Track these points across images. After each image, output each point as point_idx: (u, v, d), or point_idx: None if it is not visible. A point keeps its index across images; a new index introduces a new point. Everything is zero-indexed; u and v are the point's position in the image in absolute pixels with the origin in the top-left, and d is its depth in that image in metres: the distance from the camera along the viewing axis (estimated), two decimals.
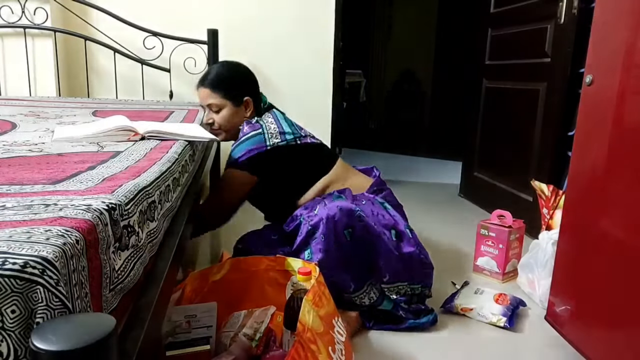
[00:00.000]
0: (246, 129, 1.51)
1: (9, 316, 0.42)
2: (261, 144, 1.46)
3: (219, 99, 1.55)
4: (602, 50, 1.11)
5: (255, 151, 1.46)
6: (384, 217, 1.36)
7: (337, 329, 1.03)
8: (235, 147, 1.49)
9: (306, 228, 1.31)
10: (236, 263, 1.29)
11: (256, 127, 1.50)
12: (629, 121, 1.01)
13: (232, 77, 1.61)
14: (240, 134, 1.52)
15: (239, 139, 1.51)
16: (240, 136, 1.51)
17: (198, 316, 1.08)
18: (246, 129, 1.51)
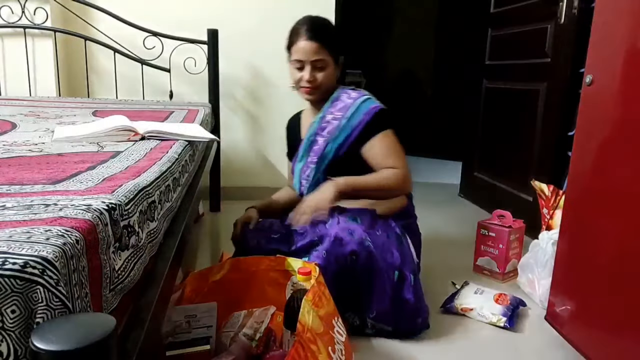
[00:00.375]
0: (354, 94, 1.47)
1: (9, 316, 0.42)
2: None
3: (327, 55, 1.43)
4: (602, 50, 1.11)
5: (387, 112, 1.45)
6: (393, 256, 1.29)
7: (337, 329, 1.03)
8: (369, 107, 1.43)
9: (310, 237, 1.30)
10: (236, 263, 1.29)
11: (363, 92, 1.48)
12: (629, 121, 1.01)
13: (335, 33, 1.51)
14: (348, 98, 1.46)
15: (353, 103, 1.45)
16: (352, 99, 1.45)
17: (198, 316, 1.08)
18: (354, 94, 1.48)
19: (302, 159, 1.53)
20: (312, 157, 1.50)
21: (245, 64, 2.60)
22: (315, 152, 1.50)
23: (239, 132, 2.67)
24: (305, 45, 1.41)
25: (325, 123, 1.49)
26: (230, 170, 2.62)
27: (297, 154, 1.57)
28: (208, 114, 2.05)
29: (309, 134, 1.51)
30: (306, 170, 1.52)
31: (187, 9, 2.51)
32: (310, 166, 1.51)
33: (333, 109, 1.49)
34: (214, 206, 2.53)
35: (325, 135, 1.48)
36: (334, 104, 1.49)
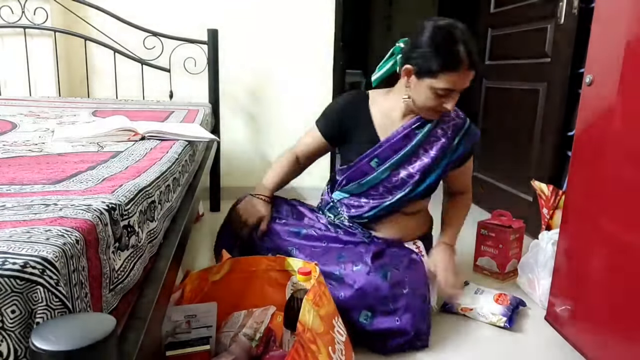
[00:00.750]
0: (460, 112, 1.45)
1: (9, 316, 0.42)
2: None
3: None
4: (602, 50, 1.11)
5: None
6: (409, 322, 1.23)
7: (337, 329, 1.03)
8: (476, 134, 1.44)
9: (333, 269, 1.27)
10: (236, 263, 1.28)
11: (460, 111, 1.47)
12: (629, 121, 1.01)
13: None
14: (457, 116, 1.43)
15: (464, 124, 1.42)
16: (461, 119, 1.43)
17: (198, 316, 1.08)
18: (460, 112, 1.45)
19: (392, 166, 1.38)
20: (411, 170, 1.38)
21: (245, 64, 2.60)
22: (416, 164, 1.38)
23: (239, 132, 2.67)
24: (465, 77, 1.24)
25: (433, 137, 1.38)
26: (230, 170, 2.62)
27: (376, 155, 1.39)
28: (208, 114, 2.05)
29: (414, 144, 1.37)
30: (396, 181, 1.38)
31: (187, 9, 2.51)
32: (404, 178, 1.38)
33: (443, 124, 1.39)
34: (214, 206, 2.53)
35: (432, 151, 1.38)
36: (444, 119, 1.40)
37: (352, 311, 1.22)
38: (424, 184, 1.39)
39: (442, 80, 1.23)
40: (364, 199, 1.42)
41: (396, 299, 1.23)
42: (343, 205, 1.46)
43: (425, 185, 1.39)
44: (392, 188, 1.39)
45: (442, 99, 1.27)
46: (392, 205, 1.40)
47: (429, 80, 1.25)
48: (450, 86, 1.24)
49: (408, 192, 1.38)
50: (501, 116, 2.57)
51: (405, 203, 1.41)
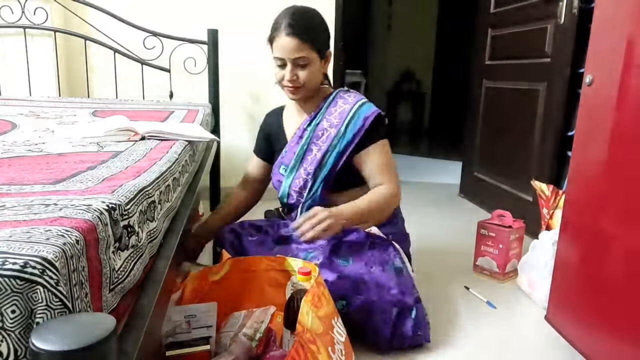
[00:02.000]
0: (351, 98, 1.42)
1: (9, 316, 0.42)
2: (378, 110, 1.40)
3: (309, 51, 1.33)
4: (602, 50, 1.11)
5: (383, 118, 1.40)
6: (389, 292, 1.21)
7: (336, 330, 1.03)
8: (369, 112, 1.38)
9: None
10: (236, 263, 1.28)
11: (360, 95, 1.43)
12: (629, 121, 1.01)
13: (320, 25, 1.39)
14: (345, 102, 1.41)
15: (351, 108, 1.39)
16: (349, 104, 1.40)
17: (198, 316, 1.08)
18: (350, 98, 1.42)
19: (292, 170, 1.44)
20: (307, 168, 1.41)
21: (245, 64, 2.60)
22: (311, 162, 1.41)
23: (239, 132, 2.67)
24: (285, 42, 1.31)
25: (320, 130, 1.41)
26: (230, 170, 2.62)
27: (282, 162, 1.47)
28: (208, 114, 2.05)
29: (304, 142, 1.42)
30: (299, 183, 1.43)
31: (187, 9, 2.51)
32: (304, 177, 1.42)
33: (329, 115, 1.41)
34: (214, 206, 2.53)
35: (322, 144, 1.40)
36: (329, 110, 1.42)
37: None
38: (319, 177, 1.40)
39: (274, 49, 1.36)
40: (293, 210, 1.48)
41: (365, 280, 1.21)
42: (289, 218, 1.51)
43: (321, 178, 1.40)
44: (299, 191, 1.44)
45: (282, 70, 1.36)
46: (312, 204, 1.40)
47: (272, 54, 1.37)
48: (278, 54, 1.34)
49: (310, 188, 1.41)
50: (501, 116, 2.57)
51: (322, 200, 1.41)
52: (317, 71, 1.38)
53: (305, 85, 1.37)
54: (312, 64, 1.35)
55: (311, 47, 1.33)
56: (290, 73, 1.34)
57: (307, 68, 1.34)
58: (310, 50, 1.33)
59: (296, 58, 1.32)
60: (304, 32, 1.32)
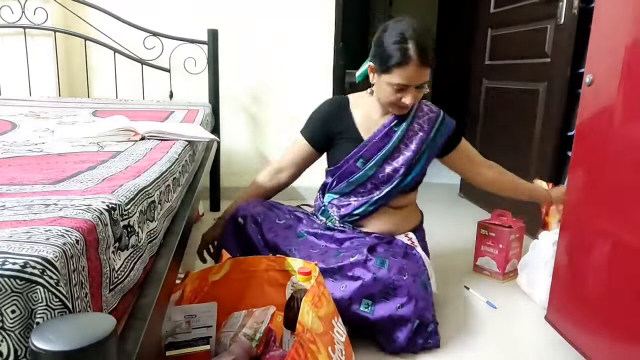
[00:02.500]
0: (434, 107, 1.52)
1: (9, 316, 0.42)
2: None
3: (429, 74, 1.35)
4: (602, 50, 1.11)
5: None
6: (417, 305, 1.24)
7: (336, 330, 1.03)
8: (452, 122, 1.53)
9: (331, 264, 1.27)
10: (236, 263, 1.28)
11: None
12: (629, 121, 1.01)
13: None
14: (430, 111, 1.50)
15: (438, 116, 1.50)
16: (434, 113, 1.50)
17: (198, 316, 1.08)
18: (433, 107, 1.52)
19: (378, 163, 1.43)
20: (393, 164, 1.43)
21: (245, 64, 2.60)
22: (399, 159, 1.43)
23: (239, 132, 2.67)
24: (417, 73, 1.29)
25: (412, 131, 1.45)
26: (230, 170, 2.62)
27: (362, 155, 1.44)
28: (208, 114, 2.05)
29: (395, 140, 1.43)
30: (382, 177, 1.44)
31: (187, 9, 2.51)
32: (389, 172, 1.43)
33: (419, 118, 1.47)
34: (214, 206, 2.53)
35: (412, 144, 1.44)
36: (418, 114, 1.47)
37: (354, 303, 1.23)
38: (410, 175, 1.46)
39: (395, 76, 1.31)
40: (353, 197, 1.48)
41: (396, 286, 1.24)
42: (333, 207, 1.51)
43: (412, 177, 1.46)
44: (379, 184, 1.45)
45: (400, 93, 1.34)
46: (381, 199, 1.45)
47: (385, 76, 1.33)
48: (404, 82, 1.30)
49: (396, 184, 1.44)
50: (501, 116, 2.57)
51: (393, 197, 1.46)
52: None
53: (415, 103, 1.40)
54: (425, 85, 1.36)
55: (431, 70, 1.35)
56: (412, 98, 1.34)
57: (423, 88, 1.36)
58: (429, 74, 1.35)
59: (422, 83, 1.34)
60: (432, 59, 1.31)
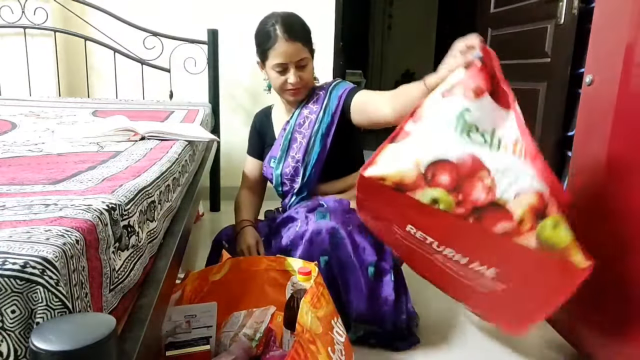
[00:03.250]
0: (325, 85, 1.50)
1: (9, 316, 0.42)
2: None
3: (307, 53, 1.40)
4: (602, 50, 1.11)
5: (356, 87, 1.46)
6: (365, 251, 1.25)
7: (336, 330, 1.03)
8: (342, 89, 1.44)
9: (285, 242, 1.28)
10: (236, 263, 1.28)
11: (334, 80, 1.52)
12: (629, 121, 1.01)
13: (306, 25, 1.44)
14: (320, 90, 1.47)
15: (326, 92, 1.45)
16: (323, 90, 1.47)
17: (198, 316, 1.08)
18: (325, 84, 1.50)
19: (280, 160, 1.46)
20: (294, 156, 1.44)
21: (245, 64, 2.59)
22: (297, 149, 1.44)
23: (239, 132, 2.67)
24: (287, 48, 1.34)
25: (301, 119, 1.46)
26: (230, 170, 2.62)
27: (271, 156, 1.49)
28: (208, 114, 2.05)
29: (287, 132, 1.46)
30: (289, 171, 1.45)
31: (187, 9, 2.51)
32: (293, 165, 1.43)
33: (309, 103, 1.47)
34: (213, 206, 2.53)
35: (305, 131, 1.44)
36: (310, 100, 1.48)
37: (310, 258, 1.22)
38: (312, 163, 1.42)
39: (271, 58, 1.37)
40: (287, 198, 1.51)
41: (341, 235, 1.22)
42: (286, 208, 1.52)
43: (314, 160, 1.41)
44: (291, 178, 1.46)
45: (283, 75, 1.38)
46: (303, 188, 1.45)
47: (267, 63, 1.40)
48: (280, 60, 1.36)
49: (302, 174, 1.43)
50: None
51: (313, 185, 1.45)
52: (312, 69, 1.45)
53: (307, 85, 1.43)
54: (310, 63, 1.42)
55: (307, 47, 1.40)
56: (294, 76, 1.37)
57: (306, 68, 1.41)
58: (307, 52, 1.40)
59: (299, 60, 1.37)
60: (301, 34, 1.38)
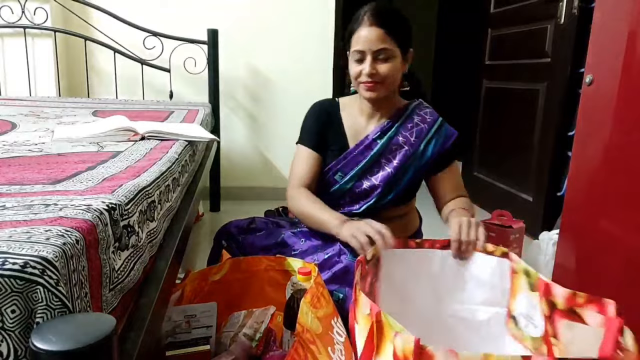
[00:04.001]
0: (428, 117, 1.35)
1: (9, 316, 0.42)
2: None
3: (392, 43, 1.22)
4: (602, 50, 1.11)
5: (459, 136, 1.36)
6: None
7: (336, 330, 1.02)
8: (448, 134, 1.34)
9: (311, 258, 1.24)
10: (236, 263, 1.28)
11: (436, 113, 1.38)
12: (629, 121, 1.01)
13: (404, 19, 1.28)
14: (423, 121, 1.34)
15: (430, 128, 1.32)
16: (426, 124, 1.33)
17: (198, 316, 1.08)
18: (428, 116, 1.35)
19: (353, 179, 1.32)
20: (372, 180, 1.31)
21: (245, 64, 2.60)
22: (378, 175, 1.31)
23: (239, 132, 2.67)
24: (369, 33, 1.20)
25: (394, 145, 1.31)
26: (230, 170, 2.62)
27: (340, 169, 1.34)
28: (208, 114, 2.05)
29: (373, 154, 1.31)
30: (359, 193, 1.33)
31: (187, 9, 2.51)
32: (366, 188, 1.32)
33: (404, 130, 1.32)
34: (214, 206, 2.53)
35: (394, 160, 1.31)
36: (405, 125, 1.33)
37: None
38: (391, 194, 1.32)
39: (353, 43, 1.24)
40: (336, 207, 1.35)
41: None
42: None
43: (393, 194, 1.32)
44: (356, 198, 1.34)
45: (360, 66, 1.24)
46: (362, 214, 1.31)
47: (349, 51, 1.26)
48: (359, 47, 1.22)
49: (374, 202, 1.32)
50: (501, 116, 2.57)
51: (375, 211, 1.32)
52: (398, 69, 1.26)
53: (385, 82, 1.24)
54: (394, 59, 1.23)
55: (394, 40, 1.22)
56: (370, 66, 1.21)
57: (388, 62, 1.23)
58: (393, 43, 1.22)
59: (378, 50, 1.21)
60: (389, 22, 1.21)
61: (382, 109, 1.33)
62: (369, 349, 0.78)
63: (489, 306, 1.04)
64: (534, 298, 0.92)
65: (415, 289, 0.86)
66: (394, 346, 0.70)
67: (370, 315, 0.79)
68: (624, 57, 1.02)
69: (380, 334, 0.75)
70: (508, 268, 1.00)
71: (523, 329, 0.95)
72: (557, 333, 0.85)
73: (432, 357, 0.65)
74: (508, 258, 1.00)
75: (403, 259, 1.06)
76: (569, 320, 0.83)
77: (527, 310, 0.93)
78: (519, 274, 0.96)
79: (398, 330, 0.71)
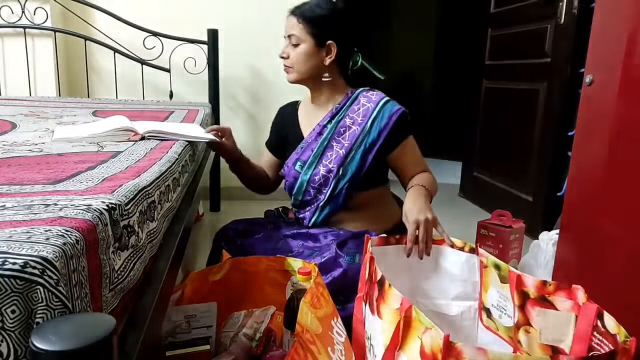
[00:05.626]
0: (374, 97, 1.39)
1: (9, 316, 0.42)
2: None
3: (301, 32, 1.34)
4: (602, 50, 1.11)
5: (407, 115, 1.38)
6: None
7: (336, 330, 1.02)
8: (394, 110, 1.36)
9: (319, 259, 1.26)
10: (236, 263, 1.28)
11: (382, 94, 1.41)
12: (629, 121, 1.01)
13: (325, 15, 1.37)
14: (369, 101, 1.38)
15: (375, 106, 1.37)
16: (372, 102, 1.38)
17: (198, 316, 1.08)
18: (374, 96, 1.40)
19: (311, 166, 1.39)
20: (327, 164, 1.37)
21: (245, 64, 2.60)
22: (332, 158, 1.37)
23: (239, 132, 2.67)
24: (287, 20, 1.36)
25: (342, 127, 1.38)
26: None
27: (298, 158, 1.42)
28: (208, 114, 2.05)
29: (324, 138, 1.39)
30: (318, 179, 1.38)
31: (187, 9, 2.51)
32: (324, 174, 1.37)
33: (352, 112, 1.39)
34: (213, 206, 2.53)
35: (344, 141, 1.37)
36: (352, 107, 1.40)
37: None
38: (347, 176, 1.36)
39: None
40: (307, 207, 1.44)
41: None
42: (300, 219, 1.47)
43: (349, 176, 1.36)
44: (319, 187, 1.39)
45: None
46: (328, 204, 1.39)
47: None
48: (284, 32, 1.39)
49: (333, 187, 1.37)
50: (501, 116, 2.57)
51: (342, 198, 1.38)
52: (308, 56, 1.35)
53: (294, 67, 1.37)
54: (303, 46, 1.34)
55: (305, 28, 1.34)
56: (283, 50, 1.38)
57: (297, 49, 1.35)
58: (303, 32, 1.34)
59: (289, 35, 1.36)
60: (303, 13, 1.34)
61: (329, 99, 1.43)
62: (394, 344, 0.78)
63: (461, 300, 1.09)
64: (505, 290, 0.96)
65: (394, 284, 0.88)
66: (422, 342, 0.70)
67: (399, 309, 0.80)
68: (624, 57, 1.01)
69: (407, 329, 0.76)
70: (477, 262, 1.06)
71: (497, 319, 0.99)
72: (530, 320, 0.89)
73: (461, 354, 0.66)
74: (476, 253, 1.06)
75: (384, 255, 1.11)
76: (540, 307, 0.87)
77: (499, 301, 0.98)
78: (489, 267, 1.01)
79: (428, 326, 0.71)
